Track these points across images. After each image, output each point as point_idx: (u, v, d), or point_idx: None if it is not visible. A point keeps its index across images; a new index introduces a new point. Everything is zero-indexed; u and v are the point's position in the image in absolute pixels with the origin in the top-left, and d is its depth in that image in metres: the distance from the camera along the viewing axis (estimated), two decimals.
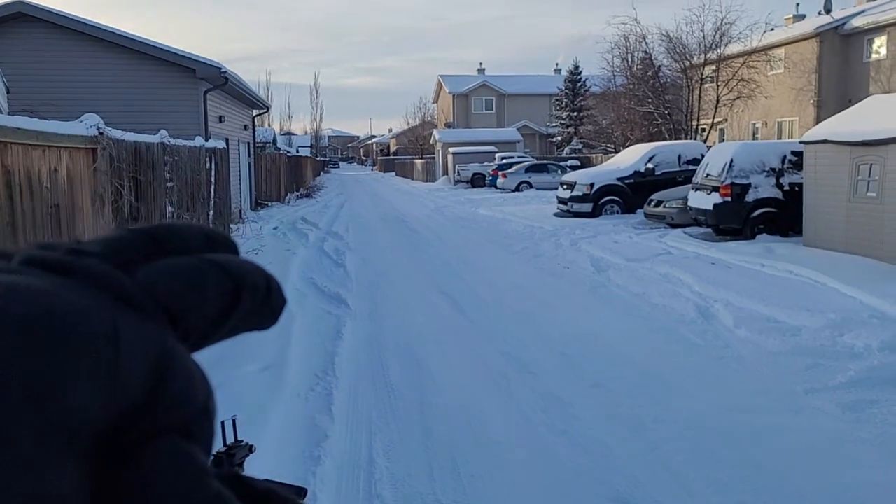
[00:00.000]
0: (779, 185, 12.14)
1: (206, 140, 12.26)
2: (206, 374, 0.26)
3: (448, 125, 51.77)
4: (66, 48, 13.51)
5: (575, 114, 42.03)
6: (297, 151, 39.25)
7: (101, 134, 6.41)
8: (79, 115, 6.55)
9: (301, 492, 1.66)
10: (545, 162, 31.24)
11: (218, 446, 1.36)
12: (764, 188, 12.15)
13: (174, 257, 0.27)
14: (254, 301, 0.28)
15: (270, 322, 0.31)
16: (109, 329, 0.22)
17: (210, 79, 14.27)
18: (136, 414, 0.22)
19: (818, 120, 20.00)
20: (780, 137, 25.71)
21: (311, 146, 65.33)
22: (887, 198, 9.19)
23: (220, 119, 15.88)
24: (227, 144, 14.98)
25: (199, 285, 0.26)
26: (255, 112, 22.22)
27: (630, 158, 17.98)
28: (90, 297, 0.23)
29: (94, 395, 0.21)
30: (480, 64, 57.92)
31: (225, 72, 14.26)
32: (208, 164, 11.46)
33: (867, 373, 5.24)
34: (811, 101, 25.61)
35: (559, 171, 26.97)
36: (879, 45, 24.13)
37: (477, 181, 33.15)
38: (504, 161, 31.84)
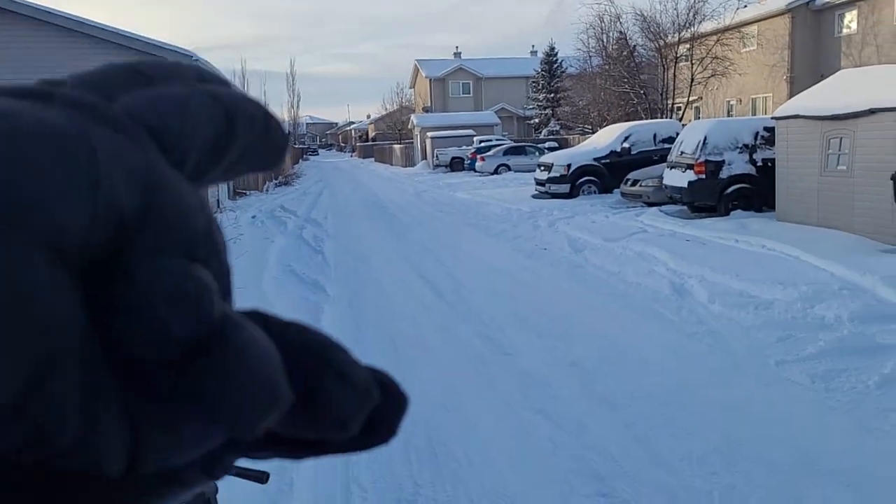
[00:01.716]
0: (752, 162, 12.25)
1: None
2: (208, 204, 0.24)
3: (426, 110, 51.59)
4: (31, 37, 13.28)
5: (552, 95, 42.03)
6: None
7: None
8: None
9: (263, 476, 1.67)
10: (523, 144, 31.25)
11: None
12: (737, 164, 12.26)
13: (160, 87, 0.25)
14: (251, 132, 0.26)
15: (274, 160, 0.28)
16: (86, 143, 0.21)
17: None
18: (127, 231, 0.21)
19: (791, 96, 20.15)
20: (754, 114, 25.91)
21: (289, 134, 64.70)
22: (857, 171, 9.31)
23: None
24: None
25: (186, 109, 0.24)
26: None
27: (606, 139, 18.04)
28: (64, 115, 0.21)
29: (74, 210, 0.19)
30: (457, 48, 57.75)
31: (197, 59, 14.08)
32: None
33: (837, 343, 5.34)
34: (784, 77, 25.81)
35: (537, 153, 27.00)
36: (850, 20, 24.33)
37: (456, 165, 33.10)
38: (482, 144, 31.81)
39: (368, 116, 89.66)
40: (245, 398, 0.21)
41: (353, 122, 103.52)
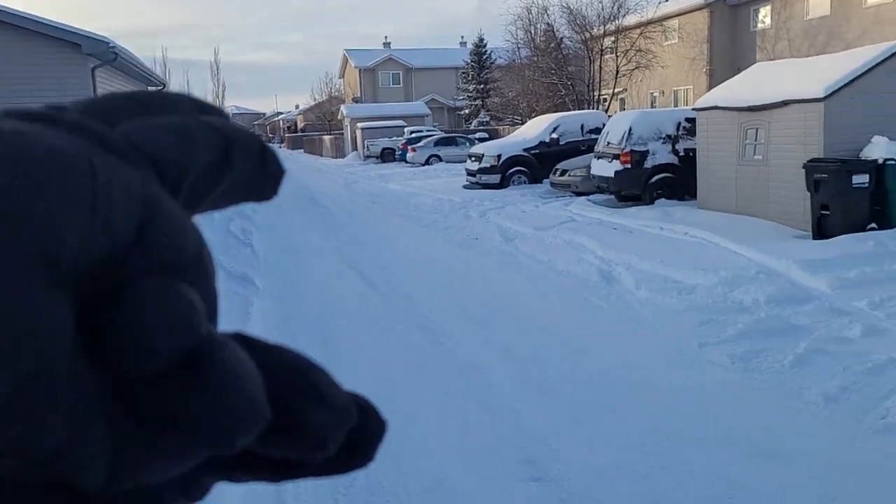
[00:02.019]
0: (675, 152, 12.65)
1: None
2: (199, 229, 0.25)
3: (355, 100, 51.13)
4: None
5: (482, 86, 42.29)
6: None
7: None
8: None
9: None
10: (454, 135, 31.35)
11: None
12: (661, 154, 12.63)
13: (160, 117, 0.26)
14: (247, 162, 0.27)
15: (270, 191, 0.29)
16: (86, 165, 0.21)
17: (98, 54, 13.53)
18: (120, 253, 0.21)
19: (710, 88, 20.85)
20: (676, 105, 26.70)
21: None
22: (772, 160, 9.73)
23: None
24: None
25: (185, 138, 0.25)
26: (150, 90, 21.26)
27: (535, 129, 18.28)
28: (67, 139, 0.22)
29: (71, 230, 0.20)
30: (386, 38, 57.48)
31: (114, 47, 13.55)
32: None
33: (755, 325, 5.58)
34: (704, 70, 26.67)
35: (468, 144, 27.13)
36: (764, 15, 25.33)
37: (387, 156, 32.96)
38: (413, 135, 31.77)
39: (297, 107, 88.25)
40: (225, 414, 0.21)
41: (280, 113, 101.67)
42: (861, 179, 8.20)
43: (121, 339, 0.21)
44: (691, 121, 12.13)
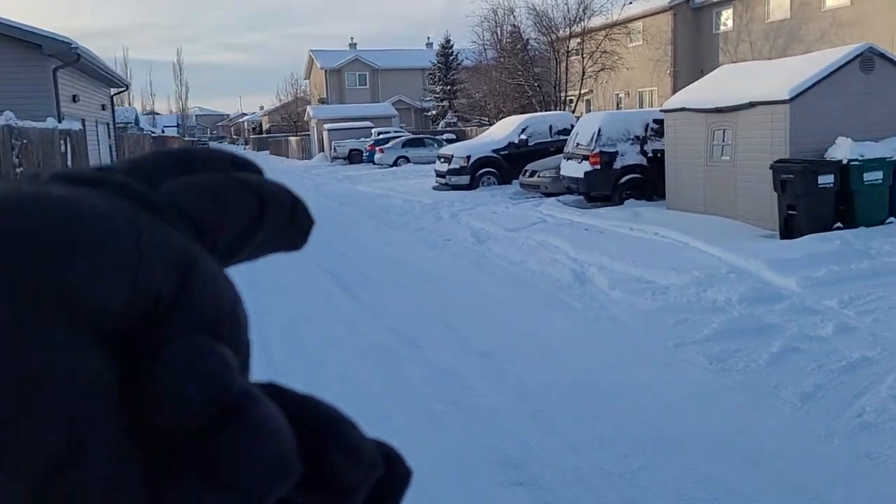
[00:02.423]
0: (643, 153, 12.76)
1: (60, 121, 11.39)
2: (234, 284, 0.26)
3: (322, 101, 50.77)
4: None
5: (448, 87, 42.29)
6: (163, 132, 37.35)
7: None
8: None
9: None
10: (421, 136, 31.29)
11: None
12: (630, 155, 12.73)
13: (199, 174, 0.27)
14: (279, 216, 0.28)
15: (300, 242, 0.31)
16: (131, 229, 0.22)
17: (59, 55, 13.23)
18: (160, 312, 0.22)
19: (675, 89, 21.11)
20: (641, 106, 27.01)
21: (177, 126, 62.30)
22: (739, 160, 9.87)
23: (74, 99, 14.79)
24: (84, 125, 13.99)
25: (222, 197, 0.26)
26: (113, 91, 20.86)
27: (504, 130, 18.32)
28: (114, 203, 0.23)
29: (117, 291, 0.21)
30: (352, 38, 57.16)
31: (76, 47, 13.25)
32: (63, 147, 10.67)
33: (729, 324, 5.63)
34: (668, 72, 27.02)
35: (436, 145, 27.11)
36: (726, 18, 25.74)
37: (354, 157, 32.77)
38: (381, 136, 31.63)
39: (262, 108, 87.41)
40: (258, 471, 0.22)
41: (245, 114, 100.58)
42: (826, 180, 8.35)
43: (157, 394, 0.21)
44: (659, 122, 12.25)
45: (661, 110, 11.99)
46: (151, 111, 63.23)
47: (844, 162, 8.45)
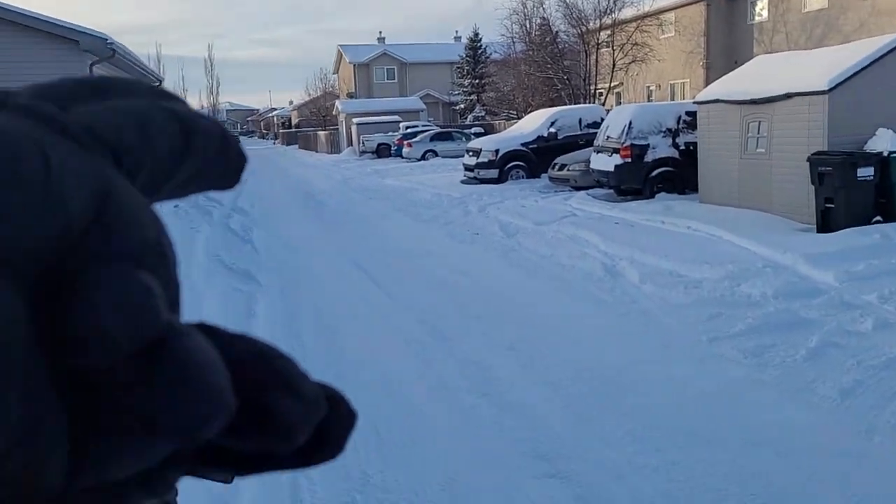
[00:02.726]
0: (675, 145, 12.60)
1: None
2: (158, 215, 0.24)
3: (350, 95, 50.94)
4: None
5: (477, 81, 42.17)
6: None
7: None
8: None
9: (227, 475, 1.60)
10: (449, 130, 31.26)
11: None
12: (661, 148, 12.58)
13: (116, 100, 0.25)
14: (207, 149, 0.26)
15: (232, 179, 0.28)
16: (36, 148, 0.21)
17: (96, 51, 13.42)
18: (76, 238, 0.21)
19: (707, 81, 20.83)
20: (672, 99, 26.67)
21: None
22: (775, 153, 9.69)
23: None
24: None
25: (142, 122, 0.24)
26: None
27: (533, 124, 18.22)
28: (17, 123, 0.21)
29: (23, 220, 0.19)
30: (380, 33, 57.15)
31: (112, 43, 13.43)
32: None
33: (764, 319, 5.54)
34: (701, 63, 26.63)
35: (464, 139, 27.06)
36: (761, 8, 25.27)
37: (382, 151, 32.85)
38: (409, 130, 31.66)
39: (291, 103, 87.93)
40: (188, 405, 0.21)
41: (275, 109, 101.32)
42: (866, 172, 8.16)
43: (76, 328, 0.20)
44: (692, 114, 12.08)
45: (695, 102, 11.82)
46: None
47: (885, 154, 8.25)
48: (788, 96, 9.25)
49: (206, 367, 0.21)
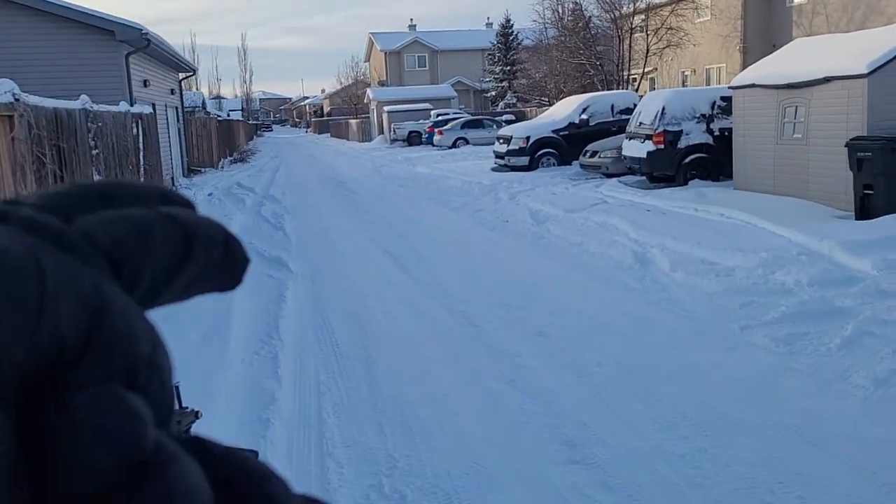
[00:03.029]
0: (709, 131, 12.40)
1: (132, 105, 11.77)
2: (157, 329, 0.24)
3: (381, 83, 51.00)
4: None
5: (508, 68, 41.88)
6: (228, 115, 38.14)
7: (16, 100, 6.06)
8: None
9: (252, 454, 1.61)
10: (480, 117, 31.15)
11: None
12: (695, 134, 12.39)
13: (120, 209, 0.25)
14: (209, 255, 0.26)
15: (233, 281, 0.28)
16: (34, 268, 0.20)
17: (131, 41, 13.63)
18: (67, 358, 0.20)
19: (745, 66, 20.40)
20: (708, 84, 26.19)
21: (242, 109, 63.61)
22: (812, 139, 9.49)
23: (145, 83, 15.24)
24: (154, 109, 14.42)
25: (143, 232, 0.24)
26: (181, 75, 21.42)
27: (564, 110, 18.06)
28: (17, 239, 0.21)
29: (15, 338, 0.19)
30: (411, 20, 57.19)
31: (146, 33, 13.63)
32: (135, 130, 11.02)
33: (798, 307, 5.45)
34: (737, 48, 26.10)
35: (495, 126, 26.93)
36: None
37: (413, 139, 32.88)
38: (439, 118, 31.61)
39: (323, 91, 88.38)
40: None
41: (307, 97, 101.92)
42: None
43: (61, 455, 0.19)
44: (727, 99, 11.87)
45: (730, 87, 11.60)
46: (217, 95, 64.70)
47: None
48: (827, 80, 9.04)
49: (192, 495, 0.21)
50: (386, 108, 36.84)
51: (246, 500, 0.23)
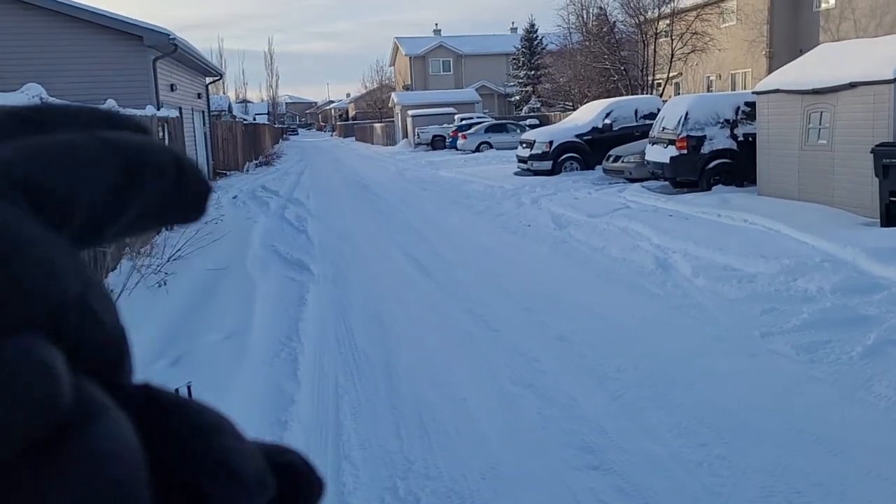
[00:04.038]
0: (733, 136, 12.30)
1: (158, 109, 11.95)
2: (88, 267, 0.22)
3: (406, 88, 51.21)
4: (6, 17, 12.96)
5: (532, 72, 41.86)
6: (254, 119, 38.56)
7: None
8: (21, 86, 6.32)
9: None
10: (504, 122, 31.15)
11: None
12: (719, 140, 12.30)
13: (49, 134, 0.23)
14: (157, 185, 0.24)
15: (194, 213, 0.26)
16: None
17: (159, 46, 13.85)
18: None
19: (770, 71, 20.19)
20: (734, 89, 25.95)
21: (268, 113, 64.32)
22: (837, 145, 9.38)
23: (172, 88, 15.47)
24: (181, 113, 14.63)
25: (70, 159, 0.22)
26: (208, 80, 21.69)
27: (588, 115, 18.02)
28: None
29: None
30: (436, 25, 57.29)
31: (174, 38, 13.84)
32: (161, 134, 11.19)
33: (821, 315, 5.39)
34: (763, 53, 25.84)
35: (518, 131, 26.92)
36: None
37: (437, 143, 32.96)
38: (463, 122, 31.65)
39: (348, 95, 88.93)
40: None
41: (332, 101, 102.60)
42: None
43: None
44: (751, 105, 11.77)
45: (754, 92, 11.50)
46: (244, 99, 65.40)
47: None
48: (852, 85, 8.93)
49: (115, 456, 0.19)
50: (410, 112, 36.98)
51: (189, 455, 0.21)
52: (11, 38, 12.83)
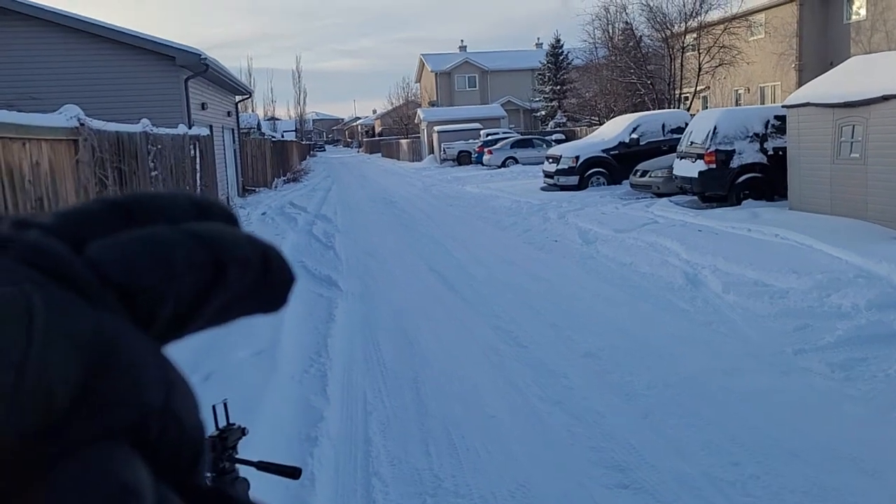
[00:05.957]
0: (763, 150, 12.18)
1: (190, 127, 12.17)
2: (173, 367, 0.22)
3: (432, 104, 51.48)
4: (45, 40, 13.31)
5: (558, 87, 41.88)
6: (282, 136, 39.02)
7: (81, 125, 6.35)
8: (59, 107, 6.48)
9: (296, 471, 1.66)
10: (530, 137, 31.16)
11: (210, 430, 1.37)
12: (748, 154, 12.18)
13: (140, 229, 0.22)
14: (244, 278, 0.24)
15: (276, 303, 0.26)
16: (21, 309, 0.18)
17: (190, 66, 14.12)
18: (55, 418, 0.18)
19: (800, 84, 19.99)
20: (762, 103, 25.72)
21: (295, 130, 65.02)
22: (870, 158, 9.24)
23: (203, 106, 15.73)
24: (212, 131, 14.86)
25: (162, 256, 0.22)
26: (237, 98, 22.03)
27: (614, 130, 17.96)
28: (10, 275, 0.19)
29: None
30: (462, 41, 57.67)
31: (205, 58, 14.10)
32: (192, 152, 11.38)
33: (855, 331, 5.31)
34: (793, 66, 25.60)
35: (544, 146, 26.92)
36: (859, 6, 24.09)
37: (463, 159, 33.07)
38: (489, 138, 31.72)
39: (374, 111, 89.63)
40: None
41: (358, 118, 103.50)
42: None
43: None
44: (781, 118, 11.65)
45: (784, 105, 11.39)
46: (272, 117, 66.21)
47: None
48: (886, 98, 8.81)
49: None
50: (436, 128, 37.15)
51: None
52: (50, 61, 13.17)
